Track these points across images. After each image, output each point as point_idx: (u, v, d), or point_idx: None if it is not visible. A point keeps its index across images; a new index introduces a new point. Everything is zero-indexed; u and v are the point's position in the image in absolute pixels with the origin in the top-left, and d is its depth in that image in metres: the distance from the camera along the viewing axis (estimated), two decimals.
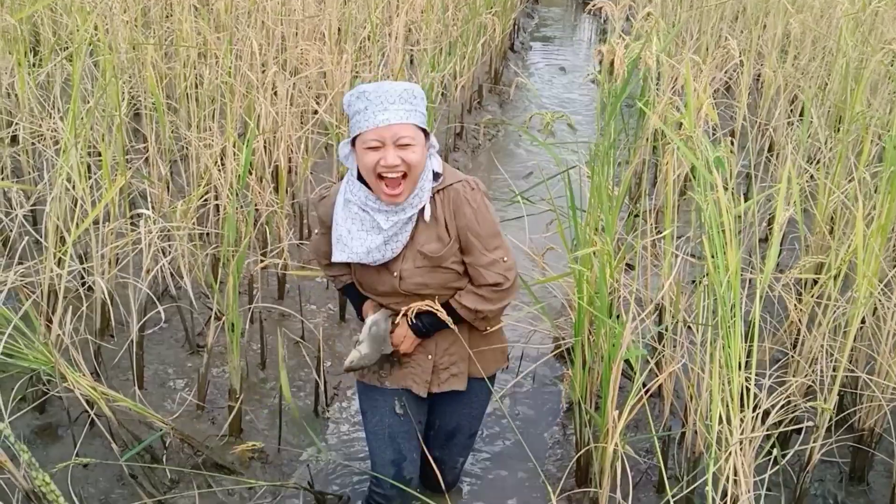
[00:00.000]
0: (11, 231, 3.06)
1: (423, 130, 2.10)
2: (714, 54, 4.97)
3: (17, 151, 3.48)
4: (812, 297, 2.69)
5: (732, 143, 4.48)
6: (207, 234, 3.41)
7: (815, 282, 2.80)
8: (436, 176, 2.17)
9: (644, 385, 2.37)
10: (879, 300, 2.51)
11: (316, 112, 3.97)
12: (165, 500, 2.41)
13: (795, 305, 2.77)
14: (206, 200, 3.39)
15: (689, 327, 2.69)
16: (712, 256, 2.07)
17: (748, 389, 2.07)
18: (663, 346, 2.66)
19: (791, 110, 4.69)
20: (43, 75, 3.71)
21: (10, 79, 3.61)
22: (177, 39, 3.93)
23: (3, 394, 2.18)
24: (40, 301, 2.65)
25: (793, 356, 2.67)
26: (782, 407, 2.21)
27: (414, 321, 2.21)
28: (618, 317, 2.41)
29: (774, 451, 2.26)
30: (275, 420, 2.81)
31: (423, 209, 2.14)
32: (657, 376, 2.57)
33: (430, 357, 2.27)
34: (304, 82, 4.13)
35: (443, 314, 2.07)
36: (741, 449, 2.07)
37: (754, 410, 2.08)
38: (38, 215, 3.36)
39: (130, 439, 2.45)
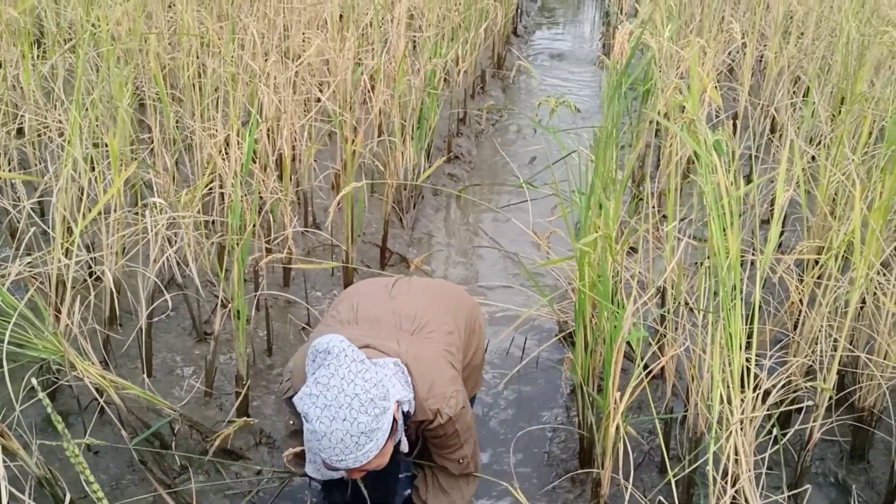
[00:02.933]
0: (19, 222, 3.10)
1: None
2: (717, 37, 4.96)
3: (23, 143, 3.51)
4: (812, 277, 2.70)
5: (735, 126, 4.48)
6: (213, 222, 3.44)
7: (817, 263, 2.81)
8: (406, 415, 2.02)
9: (646, 367, 2.40)
10: (878, 281, 2.53)
11: (319, 100, 3.99)
12: (175, 486, 2.45)
13: (797, 287, 2.78)
14: (210, 189, 3.42)
15: (690, 309, 2.71)
16: (713, 239, 2.09)
17: (749, 370, 2.09)
18: (665, 328, 2.68)
19: (794, 92, 4.68)
20: (47, 67, 3.73)
21: (14, 71, 3.63)
22: (179, 29, 3.94)
23: (14, 383, 2.21)
24: (48, 291, 2.69)
25: (793, 337, 2.69)
26: (783, 387, 2.23)
27: None
28: (620, 303, 2.43)
29: (775, 431, 2.29)
30: (281, 405, 2.85)
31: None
32: (660, 359, 2.60)
33: None
34: (306, 70, 4.14)
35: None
36: (742, 428, 2.09)
37: (755, 391, 2.10)
38: (45, 206, 3.39)
39: (140, 426, 2.49)
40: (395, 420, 1.89)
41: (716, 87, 3.59)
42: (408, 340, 2.08)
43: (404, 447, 2.05)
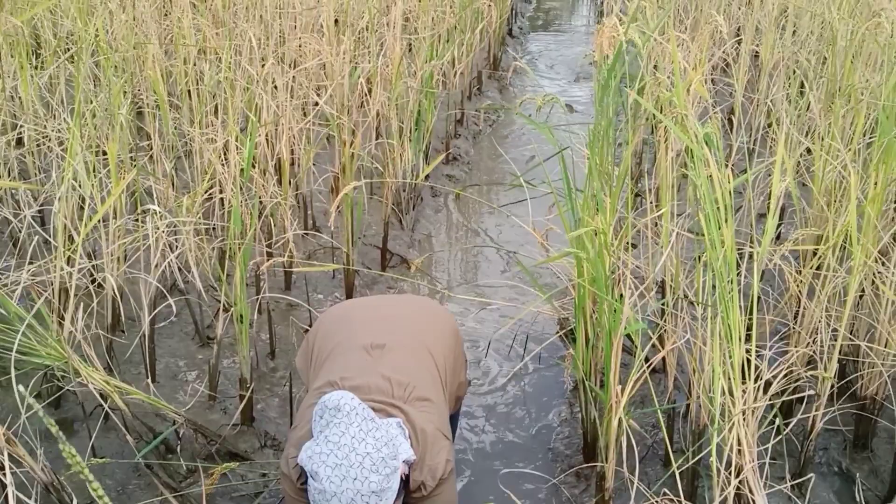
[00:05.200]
0: (21, 232, 3.11)
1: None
2: (708, 32, 4.97)
3: (23, 153, 3.53)
4: (811, 268, 2.71)
5: (731, 122, 4.49)
6: (213, 227, 3.46)
7: (815, 253, 2.82)
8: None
9: (647, 360, 2.41)
10: (878, 270, 2.54)
11: (316, 104, 4.01)
12: (182, 490, 2.46)
13: (795, 277, 2.80)
14: (210, 195, 3.44)
15: (690, 303, 2.72)
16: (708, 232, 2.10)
17: (749, 361, 2.10)
18: (665, 322, 2.69)
19: (788, 85, 4.69)
20: (45, 77, 3.75)
21: (13, 82, 3.65)
22: (176, 37, 3.96)
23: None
24: (52, 299, 2.70)
25: (793, 327, 2.70)
26: (784, 376, 2.24)
27: None
28: (620, 296, 2.44)
29: (777, 421, 2.29)
30: (286, 408, 2.86)
31: None
32: (660, 354, 2.61)
33: None
34: (303, 75, 4.16)
35: None
36: (744, 419, 2.10)
37: (756, 381, 2.11)
38: (46, 215, 3.41)
39: (145, 431, 2.50)
40: (401, 479, 1.85)
41: (705, 82, 3.60)
42: (405, 410, 2.01)
43: None
